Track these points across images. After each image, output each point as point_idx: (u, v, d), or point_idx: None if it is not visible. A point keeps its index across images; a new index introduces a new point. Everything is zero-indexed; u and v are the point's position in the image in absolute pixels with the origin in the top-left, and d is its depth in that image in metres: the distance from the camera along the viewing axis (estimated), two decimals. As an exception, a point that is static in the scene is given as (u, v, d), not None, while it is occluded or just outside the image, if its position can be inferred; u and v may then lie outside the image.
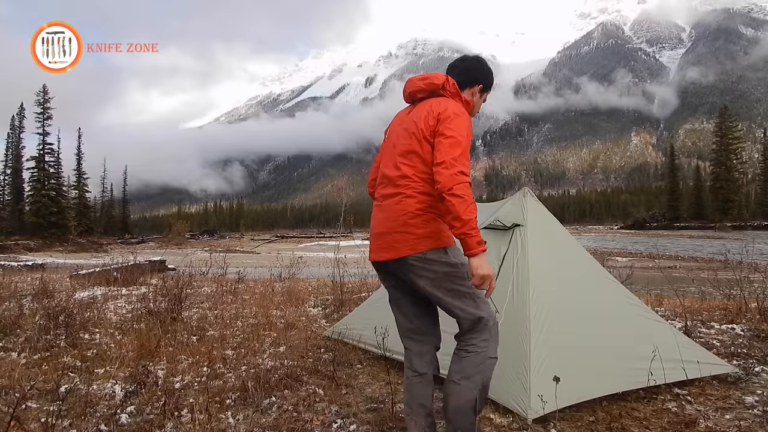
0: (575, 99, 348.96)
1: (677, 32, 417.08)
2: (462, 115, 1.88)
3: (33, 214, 42.51)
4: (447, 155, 1.77)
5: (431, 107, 1.92)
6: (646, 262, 16.43)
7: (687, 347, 2.91)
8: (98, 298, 5.64)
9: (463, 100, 2.03)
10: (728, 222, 49.91)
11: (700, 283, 6.15)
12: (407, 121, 2.00)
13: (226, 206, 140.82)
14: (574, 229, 61.37)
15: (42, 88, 44.92)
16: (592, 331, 2.76)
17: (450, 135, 1.82)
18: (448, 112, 1.87)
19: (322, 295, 6.25)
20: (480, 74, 2.11)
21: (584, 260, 3.25)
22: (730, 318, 4.48)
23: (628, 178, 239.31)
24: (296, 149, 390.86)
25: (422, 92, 2.02)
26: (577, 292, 2.92)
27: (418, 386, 2.02)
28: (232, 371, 3.15)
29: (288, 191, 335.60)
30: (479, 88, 2.11)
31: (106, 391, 2.75)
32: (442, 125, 1.85)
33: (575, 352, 2.63)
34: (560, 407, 2.34)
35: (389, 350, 3.09)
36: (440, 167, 1.77)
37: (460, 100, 2.01)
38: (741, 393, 2.76)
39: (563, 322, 2.68)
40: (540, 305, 2.67)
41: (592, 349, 2.69)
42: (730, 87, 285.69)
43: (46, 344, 3.65)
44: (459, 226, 1.73)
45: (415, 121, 1.94)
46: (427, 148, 1.87)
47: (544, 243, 2.98)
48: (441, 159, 1.78)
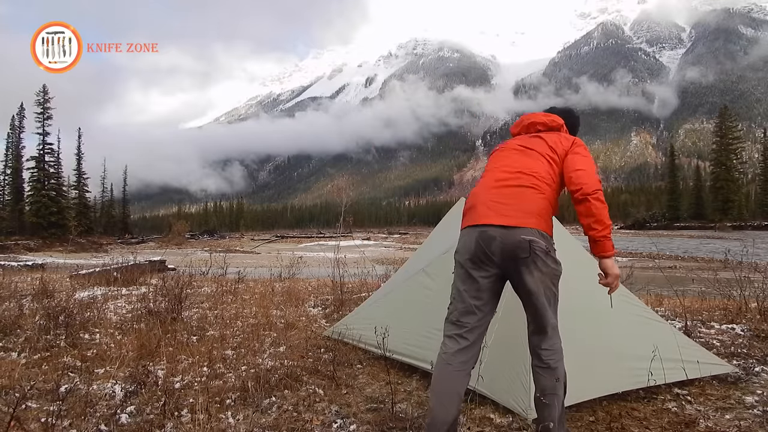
0: (575, 99, 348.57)
1: (677, 32, 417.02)
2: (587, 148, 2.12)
3: (33, 214, 42.46)
4: (587, 165, 1.99)
5: (560, 137, 2.14)
6: (646, 262, 16.43)
7: (687, 347, 2.91)
8: (98, 298, 5.64)
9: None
10: (728, 222, 49.87)
11: (700, 283, 6.15)
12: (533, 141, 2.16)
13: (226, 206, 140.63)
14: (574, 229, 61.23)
15: (42, 88, 44.83)
16: (592, 331, 2.76)
17: (585, 155, 2.06)
18: (580, 142, 2.13)
19: (322, 295, 6.25)
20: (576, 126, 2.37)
21: (584, 260, 3.24)
22: (730, 318, 4.48)
23: (628, 178, 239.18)
24: (296, 149, 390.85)
25: (543, 126, 2.22)
26: (577, 291, 2.91)
27: (460, 374, 1.96)
28: (232, 371, 3.15)
29: (288, 191, 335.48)
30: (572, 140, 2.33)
31: (106, 391, 2.75)
32: (577, 147, 2.09)
33: (575, 352, 2.62)
34: (560, 407, 2.34)
35: (389, 350, 3.08)
36: (581, 173, 1.95)
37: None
38: (741, 393, 2.76)
39: (563, 322, 2.66)
40: (540, 305, 2.66)
41: (592, 349, 2.69)
42: (730, 87, 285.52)
43: (46, 344, 3.65)
44: (601, 228, 1.90)
45: (547, 141, 2.12)
46: (556, 159, 2.06)
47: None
48: (582, 166, 1.98)
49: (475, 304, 1.98)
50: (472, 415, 2.45)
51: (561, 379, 1.99)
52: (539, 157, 2.06)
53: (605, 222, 1.90)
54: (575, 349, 2.64)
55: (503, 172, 2.07)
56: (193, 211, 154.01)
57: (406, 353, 3.08)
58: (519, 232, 1.88)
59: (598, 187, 1.91)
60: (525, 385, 2.39)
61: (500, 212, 1.93)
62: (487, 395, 2.53)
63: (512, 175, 2.04)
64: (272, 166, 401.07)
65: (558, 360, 2.00)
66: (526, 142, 2.17)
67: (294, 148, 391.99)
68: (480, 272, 1.96)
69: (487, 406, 2.51)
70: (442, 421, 1.91)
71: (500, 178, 2.06)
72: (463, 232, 2.04)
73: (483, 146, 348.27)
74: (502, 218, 1.91)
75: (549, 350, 1.99)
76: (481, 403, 2.51)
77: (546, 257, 1.92)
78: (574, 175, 1.96)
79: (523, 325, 2.60)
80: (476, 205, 2.01)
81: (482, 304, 1.99)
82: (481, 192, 2.06)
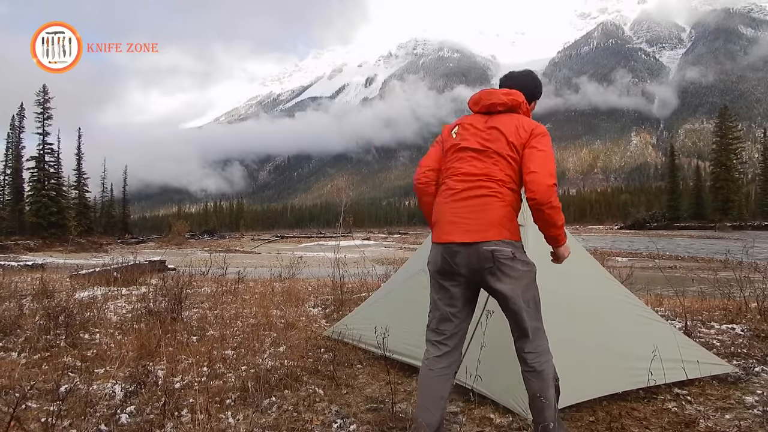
0: (575, 99, 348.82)
1: (677, 32, 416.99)
2: (549, 136, 2.05)
3: (33, 214, 42.46)
4: (541, 167, 1.92)
5: (519, 122, 2.03)
6: (646, 262, 16.44)
7: (687, 347, 2.91)
8: (98, 298, 5.65)
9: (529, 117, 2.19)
10: (728, 222, 49.89)
11: (700, 283, 6.15)
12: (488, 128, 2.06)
13: (226, 206, 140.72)
14: (574, 229, 61.33)
15: (42, 88, 44.85)
16: (592, 331, 2.76)
17: (542, 149, 1.97)
18: (540, 130, 2.02)
19: (322, 295, 6.25)
20: (537, 90, 2.27)
21: (584, 260, 3.25)
22: (730, 318, 4.48)
23: (628, 178, 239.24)
24: (296, 149, 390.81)
25: (503, 106, 2.10)
26: (577, 291, 2.92)
27: (442, 379, 2.03)
28: (232, 371, 3.15)
29: (288, 191, 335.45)
30: (533, 105, 2.27)
31: (106, 391, 2.75)
32: (534, 140, 1.99)
33: (575, 352, 2.62)
34: (560, 407, 2.33)
35: (389, 350, 3.08)
36: (534, 177, 1.90)
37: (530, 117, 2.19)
38: (741, 393, 2.76)
39: (563, 322, 2.68)
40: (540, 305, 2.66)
41: (592, 349, 2.69)
42: (730, 87, 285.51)
43: (46, 344, 3.65)
44: (554, 231, 1.98)
45: (500, 128, 2.03)
46: (515, 157, 1.99)
47: (544, 243, 2.97)
48: (535, 168, 1.92)
49: (450, 311, 2.04)
50: (472, 415, 2.45)
51: (550, 380, 1.98)
52: (499, 159, 2.00)
53: (558, 224, 1.95)
54: (575, 349, 2.64)
55: (463, 182, 2.02)
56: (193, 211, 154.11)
57: (406, 353, 3.08)
58: (481, 245, 1.91)
59: (550, 197, 1.88)
60: (525, 385, 2.39)
61: (462, 228, 1.95)
62: (487, 395, 2.53)
63: (472, 184, 2.00)
64: (272, 166, 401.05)
65: (544, 362, 1.99)
66: (485, 139, 2.05)
67: (294, 148, 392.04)
68: (450, 282, 2.03)
69: (487, 406, 2.51)
70: (427, 423, 1.97)
71: (460, 189, 2.02)
72: (432, 245, 2.09)
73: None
74: (463, 235, 1.94)
75: (533, 353, 1.98)
76: (481, 403, 2.51)
77: (513, 262, 1.93)
78: (528, 180, 1.92)
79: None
80: (440, 222, 2.03)
81: (457, 311, 2.05)
82: (444, 206, 2.04)
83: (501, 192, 1.96)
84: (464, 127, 2.13)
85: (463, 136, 2.10)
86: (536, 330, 2.00)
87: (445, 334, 2.05)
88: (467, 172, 2.02)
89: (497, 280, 1.93)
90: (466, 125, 2.13)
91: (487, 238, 1.91)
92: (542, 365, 1.99)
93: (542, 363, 1.99)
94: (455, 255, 1.96)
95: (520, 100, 2.12)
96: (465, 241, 1.93)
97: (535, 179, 1.89)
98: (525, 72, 2.29)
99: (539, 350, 2.00)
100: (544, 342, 2.02)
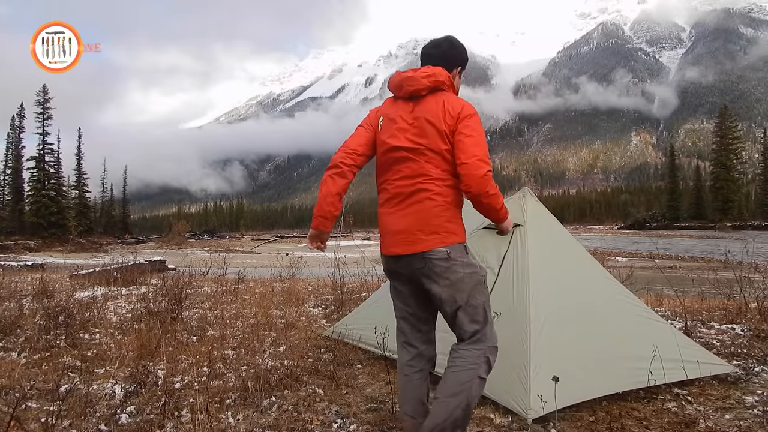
0: (575, 99, 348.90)
1: (677, 32, 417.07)
2: (476, 114, 1.93)
3: (33, 214, 42.47)
4: (471, 156, 1.82)
5: (446, 105, 1.91)
6: (646, 262, 16.43)
7: (687, 347, 2.91)
8: (98, 298, 5.64)
9: (455, 90, 2.06)
10: (728, 222, 49.90)
11: (700, 283, 6.15)
12: (415, 119, 1.95)
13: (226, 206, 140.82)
14: (574, 229, 61.36)
15: (42, 88, 44.89)
16: (592, 331, 2.76)
17: (470, 134, 1.86)
18: (466, 112, 1.90)
19: (322, 295, 6.25)
20: (458, 56, 2.10)
21: (584, 260, 3.25)
22: (730, 318, 4.48)
23: (628, 178, 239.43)
24: (296, 149, 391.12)
25: (426, 90, 1.97)
26: (578, 292, 2.92)
27: (416, 382, 1.99)
28: (232, 371, 3.15)
29: (288, 191, 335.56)
30: (459, 70, 2.11)
31: (106, 391, 2.75)
32: (461, 124, 1.88)
33: (575, 352, 2.63)
34: (560, 407, 2.34)
35: (389, 350, 3.08)
36: (465, 168, 1.81)
37: (455, 90, 2.05)
38: (741, 393, 2.75)
39: (563, 322, 2.68)
40: (540, 305, 2.66)
41: (592, 349, 2.69)
42: (730, 87, 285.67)
43: (46, 344, 3.65)
44: (495, 215, 1.93)
45: (428, 118, 1.92)
46: (447, 147, 1.89)
47: (545, 243, 2.97)
48: (465, 159, 1.82)
49: (407, 311, 2.03)
50: (473, 415, 2.45)
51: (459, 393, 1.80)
52: (433, 156, 1.90)
53: (497, 208, 1.89)
54: (575, 349, 2.64)
55: (398, 188, 1.94)
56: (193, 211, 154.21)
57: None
58: (418, 255, 1.87)
59: (485, 187, 1.80)
60: (525, 385, 2.40)
61: (400, 241, 1.90)
62: (487, 395, 2.53)
63: (409, 189, 1.91)
64: (272, 166, 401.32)
65: (462, 369, 1.83)
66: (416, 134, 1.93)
67: (294, 148, 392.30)
68: (398, 281, 2.02)
69: (487, 406, 2.51)
70: (410, 427, 1.95)
71: (395, 195, 1.95)
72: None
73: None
74: (401, 247, 1.90)
75: (460, 357, 1.86)
76: (481, 403, 2.51)
77: (448, 263, 1.85)
78: (460, 173, 1.83)
79: (522, 325, 2.61)
80: (382, 234, 2.00)
81: (413, 311, 2.02)
82: (384, 217, 1.99)
83: (440, 192, 1.88)
84: (391, 119, 2.00)
85: (392, 133, 1.97)
86: (473, 335, 1.88)
87: (406, 334, 2.03)
88: (403, 175, 1.94)
89: (433, 282, 1.88)
90: (392, 116, 2.00)
91: (424, 248, 1.86)
92: (458, 370, 1.84)
93: (460, 370, 1.84)
94: (396, 262, 1.96)
95: (441, 78, 1.97)
96: (403, 253, 1.90)
97: (467, 171, 1.80)
98: (444, 40, 2.11)
99: (465, 356, 1.86)
100: (478, 352, 1.86)
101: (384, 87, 27.69)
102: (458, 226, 1.92)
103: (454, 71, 2.08)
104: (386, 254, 1.98)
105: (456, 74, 2.08)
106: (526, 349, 2.50)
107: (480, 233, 3.12)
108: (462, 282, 1.87)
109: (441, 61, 2.05)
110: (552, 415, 2.32)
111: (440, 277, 1.86)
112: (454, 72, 2.08)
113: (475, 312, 1.89)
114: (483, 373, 1.86)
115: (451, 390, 1.81)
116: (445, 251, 1.86)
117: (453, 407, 1.79)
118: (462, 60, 2.11)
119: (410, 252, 1.88)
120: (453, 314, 1.89)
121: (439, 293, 1.88)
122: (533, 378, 2.40)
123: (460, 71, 2.11)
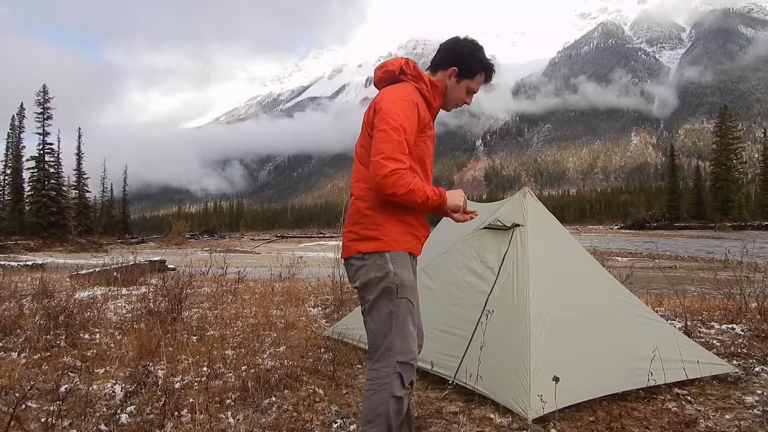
0: (575, 99, 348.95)
1: (677, 32, 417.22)
2: (399, 101, 1.69)
3: (33, 214, 42.45)
4: (376, 153, 1.62)
5: (375, 98, 1.79)
6: (646, 262, 16.44)
7: (687, 347, 2.91)
8: (98, 298, 5.64)
9: (427, 81, 1.81)
10: (728, 222, 49.91)
11: (700, 283, 6.15)
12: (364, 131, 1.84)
13: (226, 206, 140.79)
14: (574, 229, 61.34)
15: (42, 88, 44.89)
16: (592, 331, 2.76)
17: (381, 128, 1.64)
18: (383, 102, 1.71)
19: (322, 295, 6.25)
20: (453, 56, 1.85)
21: (584, 260, 3.25)
22: (730, 318, 4.48)
23: (628, 178, 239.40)
24: (296, 149, 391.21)
25: (383, 82, 1.84)
26: (578, 292, 2.92)
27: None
28: (232, 371, 3.15)
29: (288, 191, 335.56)
30: (453, 72, 1.84)
31: (106, 391, 2.75)
32: (377, 117, 1.69)
33: (575, 352, 2.63)
34: (560, 407, 2.34)
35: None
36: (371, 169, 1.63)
37: (422, 82, 1.81)
38: (741, 393, 2.76)
39: (563, 322, 2.68)
40: (540, 305, 2.66)
41: (592, 349, 2.69)
42: (729, 87, 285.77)
43: (46, 344, 3.65)
44: (425, 210, 1.74)
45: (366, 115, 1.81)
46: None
47: (545, 243, 2.98)
48: (372, 158, 1.63)
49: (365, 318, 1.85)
50: (472, 415, 2.45)
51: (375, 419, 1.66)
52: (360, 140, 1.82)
53: (419, 201, 1.64)
54: (576, 349, 2.65)
55: (350, 187, 1.87)
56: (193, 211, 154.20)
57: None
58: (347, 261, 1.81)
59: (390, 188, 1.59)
60: (525, 385, 2.40)
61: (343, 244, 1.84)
62: (487, 395, 2.53)
63: (352, 189, 1.83)
64: (272, 166, 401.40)
65: (373, 393, 1.68)
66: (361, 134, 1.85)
67: (294, 148, 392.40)
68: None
69: (487, 406, 2.51)
70: None
71: (350, 195, 1.87)
72: None
73: (483, 146, 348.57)
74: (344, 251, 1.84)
75: (370, 380, 1.72)
76: (481, 403, 2.51)
77: (360, 271, 1.73)
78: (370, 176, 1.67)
79: (522, 325, 2.61)
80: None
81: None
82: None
83: (361, 197, 1.77)
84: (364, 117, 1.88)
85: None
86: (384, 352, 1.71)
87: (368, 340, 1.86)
88: (353, 176, 1.86)
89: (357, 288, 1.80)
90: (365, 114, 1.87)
91: (349, 254, 1.79)
92: (370, 394, 1.69)
93: (373, 391, 1.69)
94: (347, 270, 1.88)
95: (391, 68, 1.81)
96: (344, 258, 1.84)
97: (371, 173, 1.63)
98: (452, 38, 1.91)
99: (376, 376, 1.70)
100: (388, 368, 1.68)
101: (384, 87, 27.93)
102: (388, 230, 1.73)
103: (446, 71, 1.85)
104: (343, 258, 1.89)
105: (448, 75, 1.85)
106: (526, 349, 2.50)
107: (480, 233, 3.12)
108: (369, 289, 1.73)
109: (438, 54, 1.90)
110: (552, 415, 2.32)
111: (357, 283, 1.77)
112: (446, 72, 1.85)
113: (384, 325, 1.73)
114: (397, 390, 1.67)
115: (366, 417, 1.69)
116: (359, 256, 1.74)
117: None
118: (459, 63, 1.84)
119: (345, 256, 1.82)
120: (368, 329, 1.80)
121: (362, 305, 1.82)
122: (533, 378, 2.40)
123: (457, 75, 1.86)
